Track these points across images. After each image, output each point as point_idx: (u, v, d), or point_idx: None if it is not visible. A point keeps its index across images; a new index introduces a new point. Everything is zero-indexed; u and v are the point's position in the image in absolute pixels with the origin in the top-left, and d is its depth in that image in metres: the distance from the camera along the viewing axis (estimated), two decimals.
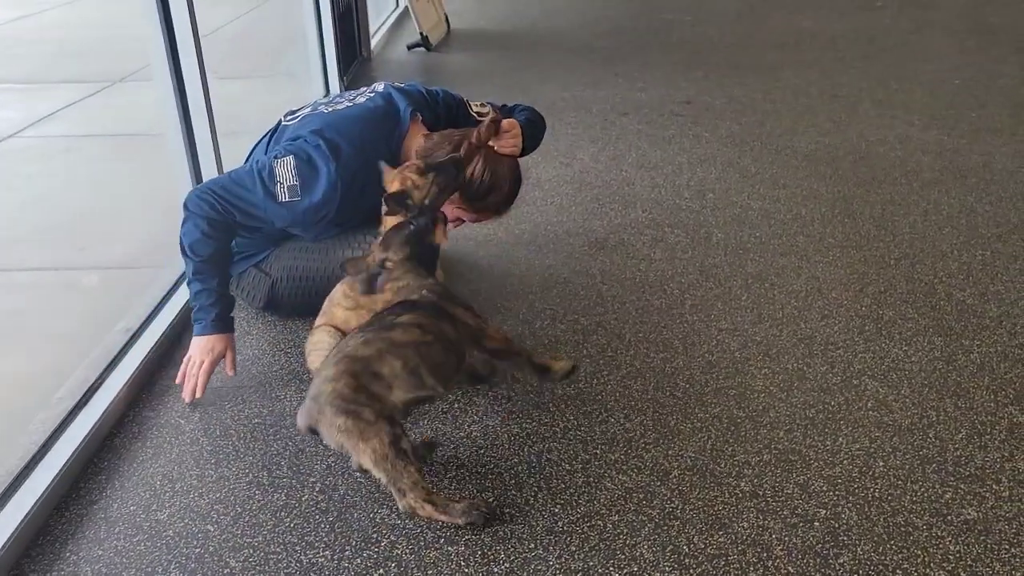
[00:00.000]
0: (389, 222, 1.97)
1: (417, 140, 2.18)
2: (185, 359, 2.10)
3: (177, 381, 2.10)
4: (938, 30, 5.74)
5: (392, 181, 1.99)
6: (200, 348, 2.08)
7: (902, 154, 3.59)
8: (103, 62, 5.76)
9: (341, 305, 2.10)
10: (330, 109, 2.23)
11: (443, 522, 1.67)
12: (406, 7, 5.75)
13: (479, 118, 2.32)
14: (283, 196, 2.03)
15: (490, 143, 2.14)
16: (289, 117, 2.30)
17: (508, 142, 2.17)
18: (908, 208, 3.08)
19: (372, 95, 2.27)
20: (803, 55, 5.19)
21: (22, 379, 2.31)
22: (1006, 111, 4.06)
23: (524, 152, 2.25)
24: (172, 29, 2.49)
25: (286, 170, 2.03)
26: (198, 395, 2.06)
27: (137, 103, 4.86)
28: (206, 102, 2.62)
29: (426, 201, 1.96)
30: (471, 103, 2.40)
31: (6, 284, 2.91)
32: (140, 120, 4.49)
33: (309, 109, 2.28)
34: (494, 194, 2.15)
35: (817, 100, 4.34)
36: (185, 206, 2.07)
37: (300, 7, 4.53)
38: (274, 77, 5.52)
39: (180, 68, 2.54)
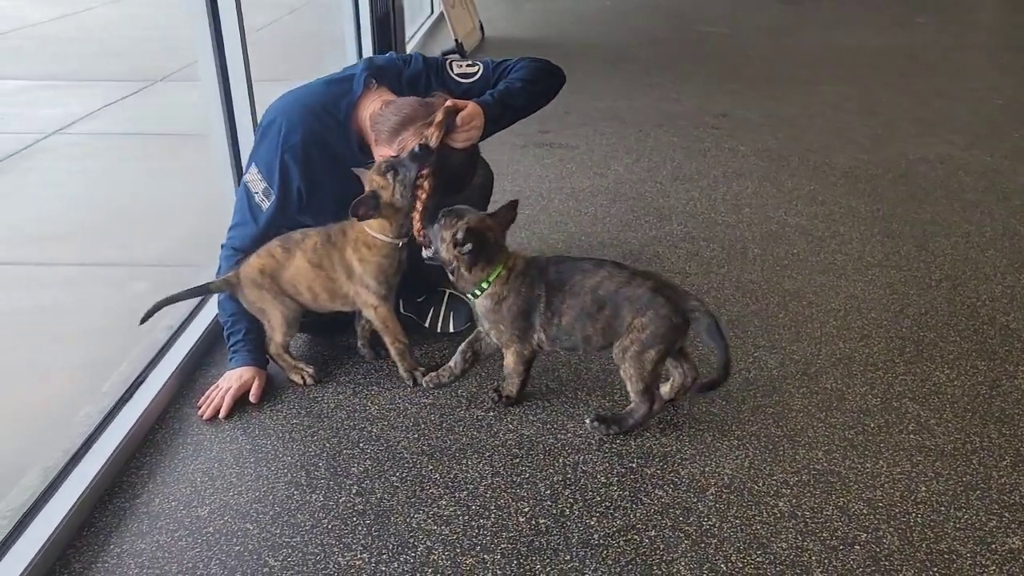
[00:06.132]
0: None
1: (374, 105, 2.13)
2: (212, 388, 2.12)
3: (198, 404, 2.09)
4: (979, 48, 5.67)
5: (368, 183, 2.03)
6: (228, 376, 2.13)
7: (943, 173, 3.54)
8: (144, 61, 5.86)
9: (306, 255, 2.10)
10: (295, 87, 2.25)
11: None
12: (441, 13, 5.79)
13: (459, 80, 2.24)
14: (265, 202, 2.13)
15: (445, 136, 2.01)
16: None
17: (461, 136, 2.03)
18: (950, 229, 3.04)
19: (343, 68, 2.29)
20: (840, 70, 5.15)
21: (64, 375, 2.35)
22: None
23: (519, 114, 2.21)
24: (220, 30, 2.53)
25: (254, 179, 2.13)
26: (221, 415, 2.05)
27: (177, 103, 4.93)
28: (250, 103, 2.65)
29: (397, 199, 2.01)
30: (456, 63, 2.29)
31: (48, 280, 2.96)
32: (180, 120, 4.56)
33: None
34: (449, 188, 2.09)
35: (855, 116, 4.30)
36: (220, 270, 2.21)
37: (339, 12, 4.57)
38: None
39: (227, 69, 2.57)
